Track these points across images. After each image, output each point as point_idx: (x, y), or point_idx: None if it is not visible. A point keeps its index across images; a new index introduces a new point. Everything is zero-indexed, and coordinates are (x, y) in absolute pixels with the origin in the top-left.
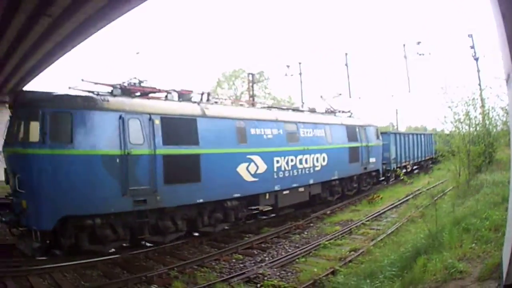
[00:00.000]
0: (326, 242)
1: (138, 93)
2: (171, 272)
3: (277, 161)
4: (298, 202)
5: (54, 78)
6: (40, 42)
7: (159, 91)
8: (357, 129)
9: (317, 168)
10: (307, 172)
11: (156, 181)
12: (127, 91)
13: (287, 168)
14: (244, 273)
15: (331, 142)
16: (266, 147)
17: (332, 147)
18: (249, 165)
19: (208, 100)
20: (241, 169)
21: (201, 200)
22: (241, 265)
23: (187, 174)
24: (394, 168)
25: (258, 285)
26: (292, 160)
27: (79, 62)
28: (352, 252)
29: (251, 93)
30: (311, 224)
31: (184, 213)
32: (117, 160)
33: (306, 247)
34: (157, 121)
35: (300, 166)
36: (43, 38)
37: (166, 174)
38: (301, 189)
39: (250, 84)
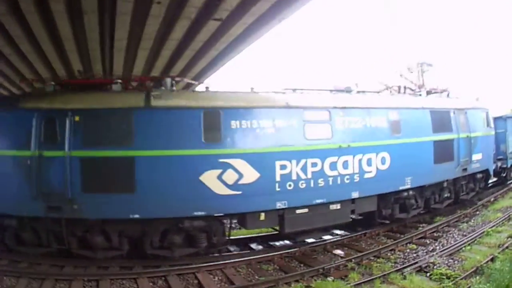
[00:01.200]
0: (489, 230)
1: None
2: (348, 264)
3: (283, 166)
4: (328, 225)
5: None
6: (207, 46)
7: (106, 81)
8: (451, 114)
9: (368, 175)
10: (346, 181)
11: (72, 188)
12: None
13: (303, 177)
14: (416, 262)
15: (399, 135)
16: (259, 146)
17: (399, 142)
18: (223, 172)
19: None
20: (208, 177)
21: (136, 216)
22: (414, 255)
23: (115, 182)
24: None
25: (428, 274)
26: (315, 165)
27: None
28: (509, 238)
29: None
30: (477, 212)
31: (121, 229)
32: (28, 162)
33: (472, 235)
34: (78, 118)
35: (331, 173)
36: (210, 42)
37: (86, 181)
38: (335, 206)
39: (420, 73)
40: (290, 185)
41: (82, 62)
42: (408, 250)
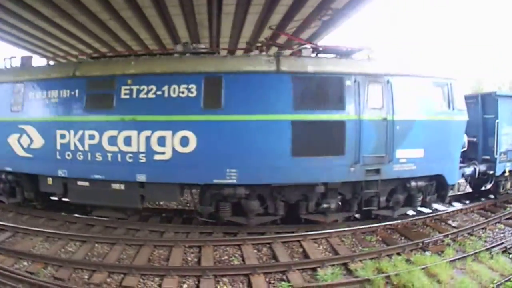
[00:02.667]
0: None
1: None
2: (445, 239)
3: (62, 136)
4: (114, 206)
5: None
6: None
7: None
8: (347, 82)
9: (159, 157)
10: (129, 159)
11: None
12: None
13: (81, 148)
14: (502, 243)
15: (217, 110)
16: (45, 115)
17: (216, 120)
18: (21, 136)
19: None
20: (12, 140)
21: None
22: (501, 235)
23: None
24: (504, 172)
25: (510, 256)
26: (92, 137)
27: None
28: None
29: None
30: None
31: None
32: None
33: None
34: None
35: (110, 149)
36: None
37: None
38: (118, 186)
39: None
40: (68, 155)
41: (188, 28)
42: (496, 230)
